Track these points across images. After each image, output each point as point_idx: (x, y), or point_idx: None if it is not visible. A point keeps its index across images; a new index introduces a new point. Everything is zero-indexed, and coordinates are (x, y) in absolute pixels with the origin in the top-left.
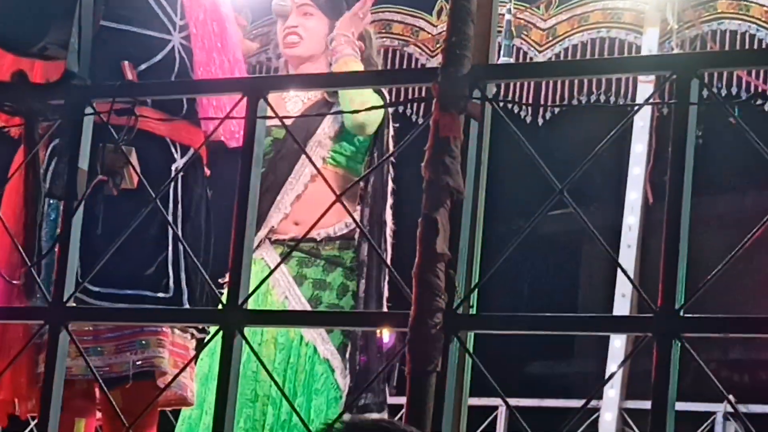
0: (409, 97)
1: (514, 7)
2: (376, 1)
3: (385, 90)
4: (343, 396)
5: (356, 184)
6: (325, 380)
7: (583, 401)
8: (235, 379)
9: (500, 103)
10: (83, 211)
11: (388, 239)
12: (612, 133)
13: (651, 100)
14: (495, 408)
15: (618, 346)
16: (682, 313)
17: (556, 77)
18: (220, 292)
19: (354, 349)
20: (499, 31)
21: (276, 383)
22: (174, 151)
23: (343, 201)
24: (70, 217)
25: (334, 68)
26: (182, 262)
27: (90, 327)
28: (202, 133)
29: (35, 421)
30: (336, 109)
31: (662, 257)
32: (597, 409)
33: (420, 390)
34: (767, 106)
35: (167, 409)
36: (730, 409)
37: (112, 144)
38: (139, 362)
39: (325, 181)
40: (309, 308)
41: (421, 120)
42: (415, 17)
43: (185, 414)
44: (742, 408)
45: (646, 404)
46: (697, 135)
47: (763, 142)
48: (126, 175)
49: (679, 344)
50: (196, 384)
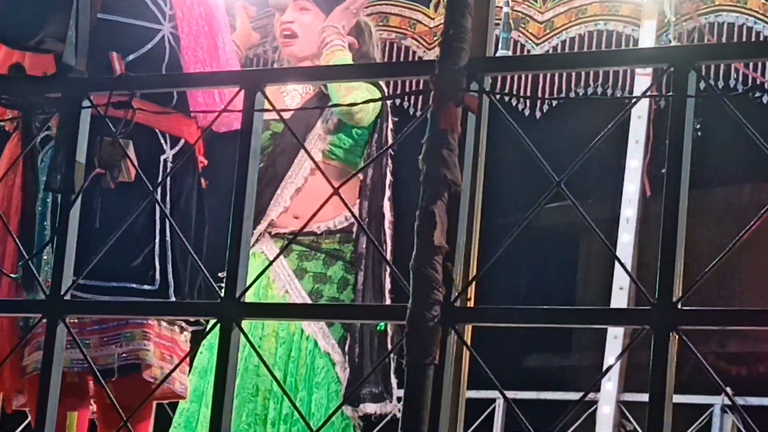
0: (407, 90)
1: (512, 0)
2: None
3: (383, 83)
4: (344, 389)
5: (353, 177)
6: (326, 374)
7: (581, 394)
8: (233, 372)
9: (498, 96)
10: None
11: (387, 232)
12: (609, 126)
13: (648, 93)
14: (493, 401)
15: (615, 339)
16: (679, 306)
17: (554, 70)
18: (219, 286)
19: (353, 341)
20: (497, 24)
21: (275, 378)
22: (163, 142)
23: (344, 194)
24: (68, 211)
25: (323, 59)
26: (169, 253)
27: (75, 319)
28: (193, 124)
29: (29, 418)
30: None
31: (660, 250)
32: (595, 402)
33: (418, 383)
34: (765, 99)
35: (163, 402)
36: (728, 402)
37: (110, 137)
38: (125, 355)
39: (323, 174)
40: (309, 302)
41: (419, 113)
42: (412, 10)
43: (183, 407)
44: (740, 400)
45: (644, 397)
46: (695, 128)
47: (761, 134)
48: (123, 168)
49: (677, 337)
50: (195, 377)
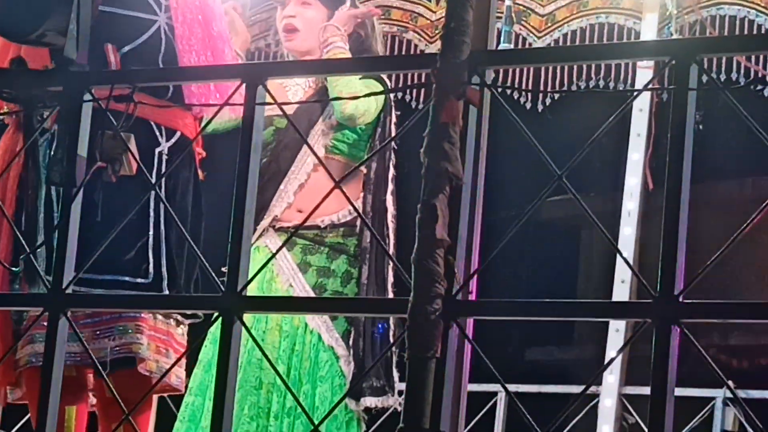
0: (409, 83)
1: None
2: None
3: (385, 76)
4: (347, 383)
5: (355, 170)
6: (330, 367)
7: (583, 387)
8: (235, 365)
9: (499, 89)
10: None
11: (390, 225)
12: (611, 119)
13: (650, 86)
14: (494, 394)
15: (617, 332)
16: (681, 299)
17: (556, 63)
18: (222, 281)
19: (357, 335)
20: (499, 17)
21: (276, 371)
22: (159, 135)
23: (348, 188)
24: (69, 204)
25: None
26: (164, 247)
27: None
28: (189, 115)
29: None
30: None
31: (661, 243)
32: (596, 395)
33: (419, 376)
34: (767, 92)
35: (164, 395)
36: (730, 395)
37: (111, 131)
38: (117, 348)
39: (325, 168)
40: (313, 296)
41: (421, 106)
42: (414, 3)
43: (188, 400)
44: (742, 393)
45: (646, 390)
46: (697, 121)
47: (762, 127)
48: (125, 162)
49: (679, 330)
50: (200, 370)
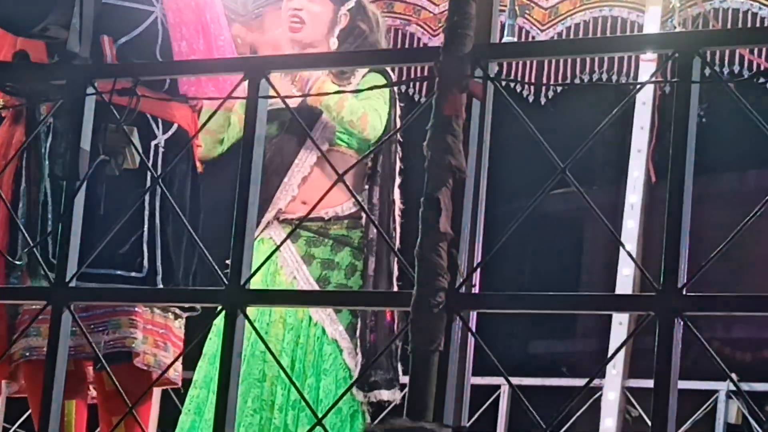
0: (412, 76)
1: None
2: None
3: (389, 69)
4: (353, 376)
5: (358, 163)
6: (334, 360)
7: (586, 380)
8: (238, 358)
9: (502, 82)
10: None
11: (397, 219)
12: (614, 112)
13: (653, 79)
14: (498, 387)
15: (620, 325)
16: (684, 292)
17: (558, 56)
18: (225, 273)
19: (364, 326)
20: (502, 11)
21: (279, 363)
22: (155, 128)
23: (351, 181)
24: (72, 198)
25: (315, 86)
26: (159, 240)
27: None
28: (186, 107)
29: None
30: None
31: (664, 236)
32: (600, 388)
33: (423, 369)
34: None
35: (164, 388)
36: (733, 388)
37: (114, 124)
38: (111, 342)
39: (327, 161)
40: (317, 288)
41: (424, 99)
42: None
43: (192, 393)
44: (745, 386)
45: (649, 383)
46: (699, 114)
47: (765, 120)
48: (128, 155)
49: (682, 323)
50: (205, 363)
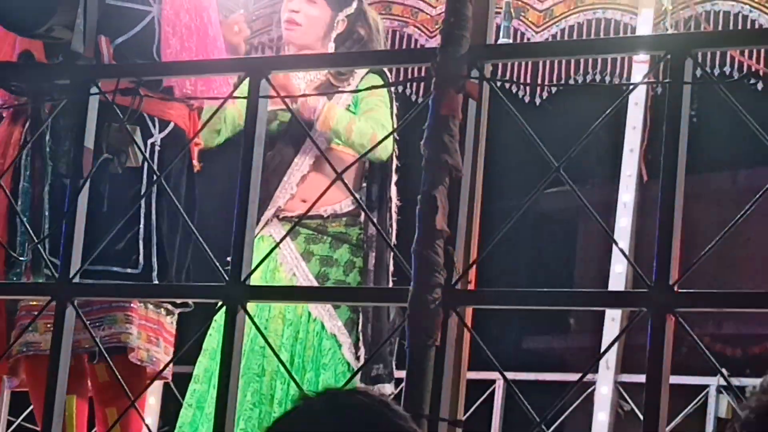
0: (409, 77)
1: None
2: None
3: (387, 70)
4: (352, 370)
5: (356, 162)
6: (333, 355)
7: (579, 375)
8: (239, 353)
9: (498, 83)
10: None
11: (393, 216)
12: (607, 112)
13: (646, 80)
14: (493, 382)
15: (613, 321)
16: (676, 289)
17: (553, 57)
18: (226, 270)
19: (366, 320)
20: (498, 13)
21: (278, 358)
22: (151, 126)
23: (350, 180)
24: (76, 195)
25: (323, 114)
26: (154, 237)
27: None
28: (183, 106)
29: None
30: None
31: (657, 233)
32: (593, 383)
33: (419, 364)
34: (760, 86)
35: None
36: (724, 383)
37: (117, 123)
38: (107, 338)
39: (326, 160)
40: (316, 285)
41: (421, 100)
42: None
43: (194, 388)
44: (735, 381)
45: (641, 378)
46: (691, 114)
47: (755, 120)
48: (131, 154)
49: (674, 319)
50: (205, 359)
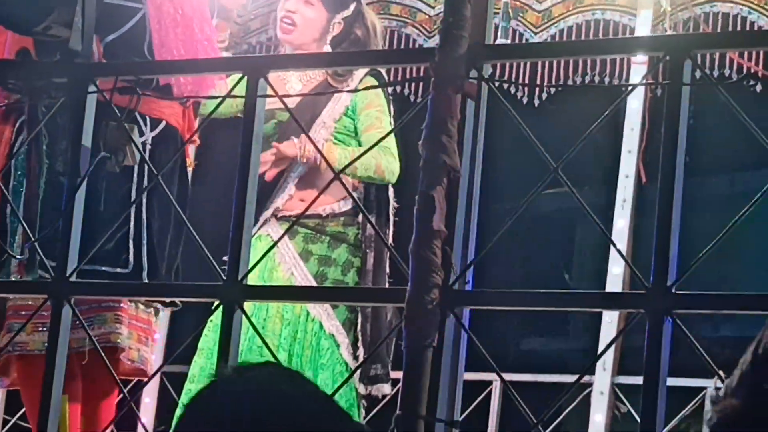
0: (408, 77)
1: None
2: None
3: (383, 70)
4: (351, 370)
5: (355, 161)
6: (331, 355)
7: (576, 377)
8: (236, 353)
9: (497, 83)
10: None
11: (391, 216)
12: (606, 113)
13: (644, 81)
14: (490, 383)
15: (610, 323)
16: (673, 290)
17: (552, 58)
18: (223, 269)
19: (364, 320)
20: (496, 13)
21: (275, 357)
22: (143, 125)
23: (349, 179)
24: (74, 194)
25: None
26: (144, 237)
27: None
28: (176, 104)
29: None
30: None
31: (655, 235)
32: (590, 385)
33: (416, 364)
34: (758, 87)
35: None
36: (720, 385)
37: (114, 121)
38: (96, 338)
39: (324, 159)
40: (314, 284)
41: (419, 100)
42: None
43: (189, 387)
44: None
45: (638, 380)
46: (688, 116)
47: (754, 122)
48: (128, 152)
49: (671, 321)
50: (201, 358)
